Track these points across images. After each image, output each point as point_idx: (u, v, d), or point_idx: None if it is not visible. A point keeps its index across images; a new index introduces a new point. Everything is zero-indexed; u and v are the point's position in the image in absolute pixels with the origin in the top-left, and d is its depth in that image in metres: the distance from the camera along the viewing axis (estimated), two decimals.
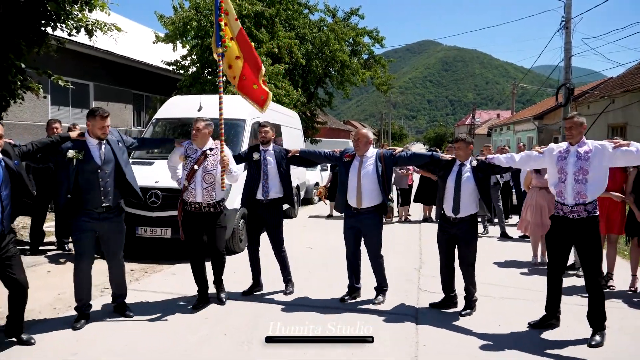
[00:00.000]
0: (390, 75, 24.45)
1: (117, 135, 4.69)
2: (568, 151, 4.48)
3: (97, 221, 4.49)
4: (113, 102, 17.13)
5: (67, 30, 8.61)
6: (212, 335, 4.40)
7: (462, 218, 4.99)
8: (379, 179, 5.21)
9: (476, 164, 5.04)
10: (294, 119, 12.23)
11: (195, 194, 4.98)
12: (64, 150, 4.35)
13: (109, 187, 4.50)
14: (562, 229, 4.51)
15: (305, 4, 20.66)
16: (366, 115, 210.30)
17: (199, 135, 5.03)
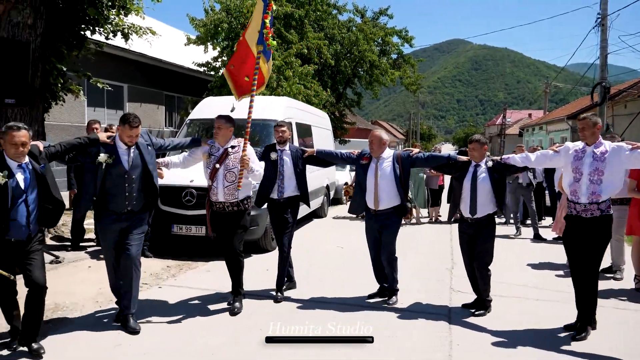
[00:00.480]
0: (420, 75, 24.26)
1: (146, 138, 4.66)
2: (584, 151, 4.48)
3: (119, 222, 4.51)
4: (146, 103, 17.51)
5: (105, 34, 8.88)
6: (239, 334, 4.50)
7: (479, 218, 5.02)
8: (397, 180, 5.23)
9: (492, 164, 5.06)
10: (324, 119, 12.31)
11: (217, 192, 4.97)
12: (93, 153, 4.37)
13: (134, 192, 4.51)
14: (576, 227, 4.53)
15: (334, 4, 20.69)
16: (394, 115, 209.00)
17: (220, 133, 5.02)
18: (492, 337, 4.45)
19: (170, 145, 5.00)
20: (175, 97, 19.33)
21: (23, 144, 3.73)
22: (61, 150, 4.21)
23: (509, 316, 5.01)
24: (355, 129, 32.28)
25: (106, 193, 4.43)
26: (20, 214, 3.78)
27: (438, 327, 4.69)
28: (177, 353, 4.04)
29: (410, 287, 5.87)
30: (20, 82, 5.85)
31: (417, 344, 4.29)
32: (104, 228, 4.53)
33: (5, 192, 3.66)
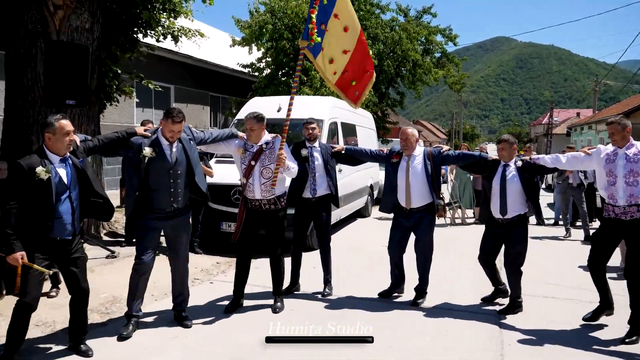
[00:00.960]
0: (464, 74, 23.89)
1: (188, 132, 4.51)
2: (616, 154, 4.47)
3: (163, 220, 4.33)
4: (192, 104, 17.93)
5: (156, 37, 9.17)
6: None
7: (510, 219, 4.97)
8: (428, 178, 5.18)
9: (521, 164, 5.02)
10: (369, 119, 12.32)
11: (253, 189, 4.83)
12: (136, 147, 4.20)
13: (179, 189, 4.34)
14: (613, 230, 4.51)
15: (377, 4, 20.62)
16: (436, 114, 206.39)
17: (253, 135, 4.87)
18: (544, 338, 4.39)
19: (209, 138, 4.79)
20: (219, 97, 19.71)
21: (72, 131, 3.65)
22: (99, 144, 4.08)
23: (559, 317, 4.93)
24: (397, 129, 32.05)
25: (149, 190, 4.25)
26: (65, 211, 3.64)
27: (489, 327, 4.66)
28: (230, 346, 4.15)
29: (459, 287, 5.82)
30: (79, 84, 6.11)
31: (469, 344, 4.27)
32: (147, 227, 4.30)
33: (49, 187, 3.53)
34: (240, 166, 4.92)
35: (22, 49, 6.66)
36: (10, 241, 3.44)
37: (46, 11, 6.55)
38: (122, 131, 4.27)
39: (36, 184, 3.48)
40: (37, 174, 3.45)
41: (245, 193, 4.90)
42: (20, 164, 3.47)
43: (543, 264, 6.60)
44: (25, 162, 3.48)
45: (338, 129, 9.17)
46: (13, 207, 3.44)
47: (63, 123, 3.58)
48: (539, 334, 4.50)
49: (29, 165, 3.47)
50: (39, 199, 3.51)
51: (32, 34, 6.60)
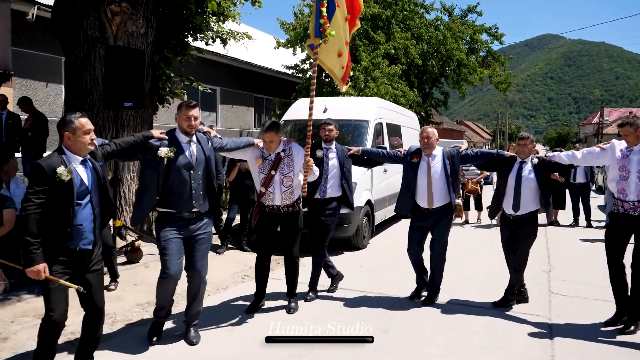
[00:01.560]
0: (510, 73, 23.37)
1: (205, 136, 4.32)
2: (631, 150, 4.53)
3: (185, 228, 4.07)
4: (237, 105, 18.27)
5: (205, 40, 9.44)
6: None
7: (522, 215, 5.02)
8: (448, 178, 5.17)
9: (537, 161, 5.06)
10: (413, 119, 12.27)
11: (273, 197, 4.73)
12: (155, 148, 3.96)
13: (200, 191, 4.11)
14: (622, 225, 4.56)
15: (422, 3, 20.48)
16: (480, 114, 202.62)
17: (273, 145, 4.71)
18: (596, 340, 4.33)
19: (228, 146, 4.59)
20: (264, 99, 20.00)
21: (93, 130, 3.39)
22: (117, 149, 3.80)
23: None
24: (441, 129, 31.72)
25: (170, 194, 4.00)
26: (85, 217, 3.32)
27: (539, 328, 4.62)
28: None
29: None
30: (136, 87, 6.37)
31: (519, 344, 4.25)
32: (167, 234, 4.01)
33: (71, 190, 3.21)
34: (259, 175, 4.77)
35: (82, 54, 6.99)
36: (30, 251, 3.07)
37: (104, 18, 6.86)
38: (138, 135, 4.05)
39: (56, 185, 3.16)
40: (57, 174, 3.15)
41: (262, 200, 4.78)
42: (40, 165, 3.16)
43: (594, 267, 6.45)
44: (45, 163, 3.18)
45: (383, 129, 9.19)
46: (33, 212, 3.09)
47: (83, 121, 3.31)
48: (591, 336, 4.43)
49: (49, 165, 3.17)
50: (59, 203, 3.18)
51: (91, 39, 6.92)
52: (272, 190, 4.71)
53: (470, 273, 6.48)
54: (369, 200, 8.25)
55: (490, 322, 4.77)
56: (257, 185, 4.81)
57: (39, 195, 3.13)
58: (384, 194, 9.05)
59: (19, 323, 4.38)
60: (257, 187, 4.84)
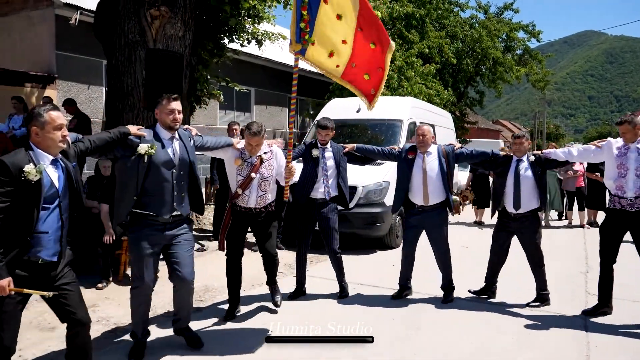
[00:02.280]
0: (548, 71, 22.97)
1: (188, 133, 4.05)
2: (628, 148, 4.66)
3: (161, 232, 3.74)
4: (271, 106, 18.49)
5: (241, 42, 9.63)
6: None
7: (524, 214, 5.11)
8: (444, 176, 5.18)
9: (534, 159, 5.16)
10: (447, 119, 12.21)
11: (248, 200, 4.56)
12: (135, 145, 3.65)
13: (183, 192, 3.84)
14: (619, 221, 4.70)
15: (456, 2, 20.33)
16: (517, 114, 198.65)
17: (256, 149, 4.53)
18: (632, 340, 4.30)
19: (210, 144, 4.33)
20: (298, 99, 20.16)
21: (65, 126, 3.00)
22: (91, 146, 3.40)
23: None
24: (476, 129, 31.37)
25: (149, 194, 3.68)
26: (52, 225, 2.91)
27: (574, 328, 4.60)
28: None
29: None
30: (175, 89, 6.56)
31: (553, 344, 4.24)
32: (142, 239, 3.69)
33: (38, 193, 2.82)
34: (236, 177, 4.56)
35: (123, 57, 7.24)
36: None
37: (144, 22, 7.08)
38: (114, 131, 3.64)
39: (22, 186, 2.76)
40: (25, 173, 2.76)
41: (236, 201, 4.59)
42: (4, 162, 2.76)
43: (632, 268, 6.31)
44: (10, 160, 2.78)
45: None
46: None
47: (53, 115, 2.93)
48: (627, 336, 4.40)
49: (15, 163, 2.77)
50: (22, 207, 2.78)
51: (132, 43, 7.16)
52: (248, 193, 4.54)
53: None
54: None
55: (523, 322, 4.77)
56: (233, 185, 4.62)
57: (2, 199, 2.72)
58: None
59: None
60: (232, 187, 4.64)
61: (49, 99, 9.36)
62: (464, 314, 4.99)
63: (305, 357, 3.99)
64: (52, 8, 11.68)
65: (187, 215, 3.94)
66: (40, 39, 12.00)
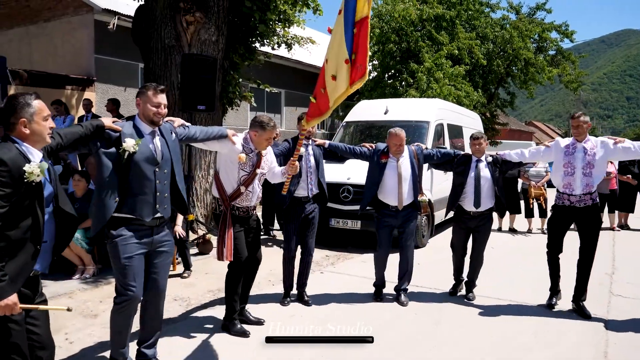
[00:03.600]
0: (581, 72, 22.46)
1: (169, 126, 3.64)
2: (575, 147, 4.91)
3: (147, 238, 3.42)
4: (301, 107, 18.72)
5: (271, 45, 9.89)
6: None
7: (482, 212, 5.36)
8: (415, 177, 5.29)
9: (491, 159, 5.40)
10: (476, 120, 12.21)
11: (251, 198, 4.28)
12: (113, 138, 3.28)
13: (166, 192, 3.50)
14: (567, 217, 5.02)
15: (487, 2, 20.17)
16: (551, 115, 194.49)
17: (265, 145, 4.31)
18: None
19: (197, 135, 3.90)
20: None
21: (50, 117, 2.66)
22: (63, 142, 3.00)
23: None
24: (507, 130, 30.99)
25: (130, 194, 3.33)
26: (50, 232, 2.65)
27: (594, 327, 4.68)
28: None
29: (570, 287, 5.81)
30: (209, 91, 6.87)
31: (572, 341, 4.34)
32: (127, 245, 3.32)
33: (40, 195, 2.52)
34: (238, 173, 4.19)
35: (160, 61, 7.58)
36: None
37: (180, 27, 7.41)
38: (86, 124, 3.24)
39: (24, 189, 2.42)
40: (27, 173, 2.41)
41: (236, 202, 4.21)
42: (2, 160, 2.38)
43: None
44: (7, 157, 2.40)
45: (444, 130, 9.28)
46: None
47: (41, 103, 2.61)
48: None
49: (14, 161, 2.40)
50: (24, 213, 2.44)
51: (168, 47, 7.50)
52: (251, 189, 4.25)
53: (521, 274, 6.52)
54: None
55: (544, 320, 4.86)
56: (232, 184, 4.21)
57: (1, 203, 2.35)
58: (444, 194, 9.12)
59: (106, 303, 4.89)
60: (227, 185, 4.22)
61: (89, 102, 9.80)
62: (487, 311, 5.11)
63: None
64: (92, 14, 12.19)
65: (168, 219, 3.60)
66: (80, 43, 12.54)
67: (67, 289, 5.36)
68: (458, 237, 5.59)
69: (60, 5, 13.11)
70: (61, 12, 13.10)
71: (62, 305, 2.59)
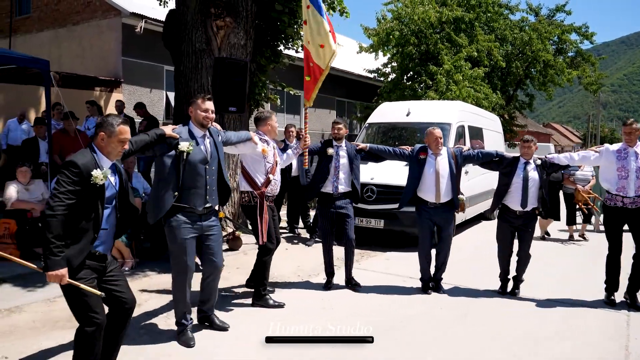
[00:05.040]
0: (601, 74, 22.32)
1: (215, 130, 4.36)
2: (627, 152, 5.22)
3: (197, 223, 4.08)
4: (320, 109, 18.95)
5: (295, 48, 10.13)
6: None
7: (528, 211, 5.54)
8: (452, 176, 5.54)
9: (540, 162, 5.61)
10: (495, 122, 12.34)
11: (275, 184, 5.00)
12: (174, 143, 3.96)
13: (214, 186, 4.17)
14: (622, 217, 5.25)
15: (506, 4, 20.20)
16: (569, 117, 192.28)
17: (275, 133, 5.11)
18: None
19: (232, 139, 4.63)
20: (345, 102, 20.59)
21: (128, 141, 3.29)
22: (133, 148, 3.71)
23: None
24: (526, 132, 30.85)
25: (185, 188, 4.00)
26: (110, 222, 3.23)
27: (617, 321, 4.87)
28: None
29: (585, 283, 6.02)
30: (239, 94, 7.14)
31: (594, 334, 4.52)
32: (181, 229, 3.99)
33: (102, 194, 3.08)
34: (264, 165, 4.89)
35: (190, 64, 7.84)
36: (54, 253, 2.85)
37: (210, 31, 7.67)
38: (151, 133, 3.95)
39: (89, 188, 3.00)
40: (93, 177, 2.99)
41: (266, 191, 4.87)
42: (77, 164, 2.97)
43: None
44: (82, 162, 3.00)
45: (465, 132, 9.43)
46: (61, 214, 2.89)
47: (123, 129, 3.18)
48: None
49: (86, 166, 3.00)
50: (89, 206, 3.02)
51: (199, 51, 7.76)
52: (276, 177, 4.98)
53: (551, 272, 6.69)
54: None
55: (567, 313, 5.06)
56: (260, 176, 4.86)
57: (69, 196, 2.93)
58: (468, 193, 9.27)
59: (147, 293, 5.18)
60: (258, 179, 4.86)
61: (121, 103, 10.14)
62: (512, 305, 5.34)
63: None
64: (120, 17, 12.55)
65: (217, 206, 4.26)
66: (109, 46, 12.92)
67: None
68: (504, 235, 5.75)
69: (88, 9, 13.52)
70: (90, 16, 13.50)
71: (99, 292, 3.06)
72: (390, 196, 7.43)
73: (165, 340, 4.10)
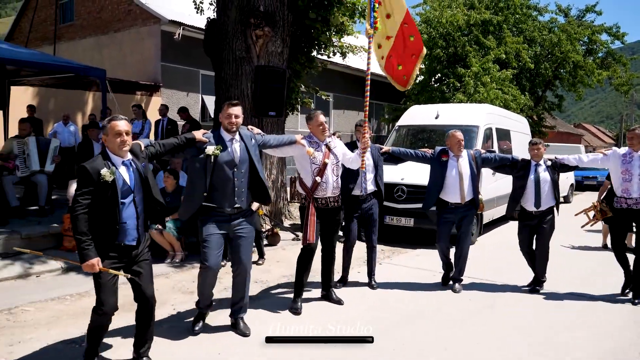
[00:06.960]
0: (633, 74, 22.11)
1: (249, 133, 4.46)
2: (632, 156, 5.50)
3: (226, 223, 4.25)
4: (348, 110, 19.34)
5: (327, 54, 10.57)
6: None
7: (543, 211, 5.80)
8: (473, 177, 5.77)
9: (550, 163, 5.86)
10: (523, 124, 12.52)
11: (326, 187, 4.90)
12: (202, 147, 4.15)
13: (243, 188, 4.29)
14: (626, 218, 5.56)
15: (535, 6, 20.21)
16: (602, 117, 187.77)
17: (325, 135, 4.98)
18: None
19: (271, 142, 4.74)
20: (373, 104, 20.86)
21: (126, 132, 3.47)
22: (161, 150, 3.97)
23: None
24: (555, 133, 30.61)
25: (214, 190, 4.19)
26: (129, 215, 3.52)
27: (632, 312, 5.15)
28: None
29: (605, 280, 6.26)
30: (278, 99, 7.61)
31: (614, 326, 4.79)
32: (210, 225, 4.20)
33: (115, 190, 3.41)
34: (311, 166, 4.89)
35: (231, 71, 8.35)
36: (83, 247, 3.32)
37: (250, 40, 8.16)
38: (181, 137, 4.20)
39: (102, 186, 3.37)
40: (101, 175, 3.36)
41: (315, 193, 4.90)
42: (85, 167, 3.38)
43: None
44: (90, 165, 3.39)
45: (493, 134, 9.69)
46: (82, 213, 3.32)
47: (114, 123, 3.46)
48: None
49: (93, 168, 3.38)
50: (106, 202, 3.40)
51: (239, 59, 8.26)
52: (325, 180, 4.87)
53: (575, 269, 6.97)
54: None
55: (590, 305, 5.37)
56: (308, 178, 4.91)
57: (85, 196, 3.34)
58: (492, 195, 9.55)
59: (193, 283, 5.65)
60: (307, 180, 4.93)
61: (165, 107, 10.72)
62: (535, 299, 5.62)
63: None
64: (159, 25, 13.16)
65: (249, 208, 4.43)
66: (149, 52, 13.55)
67: (161, 271, 6.18)
68: (523, 236, 6.00)
69: (129, 17, 14.19)
70: (130, 24, 14.17)
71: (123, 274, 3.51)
72: (419, 196, 7.75)
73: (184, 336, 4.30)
